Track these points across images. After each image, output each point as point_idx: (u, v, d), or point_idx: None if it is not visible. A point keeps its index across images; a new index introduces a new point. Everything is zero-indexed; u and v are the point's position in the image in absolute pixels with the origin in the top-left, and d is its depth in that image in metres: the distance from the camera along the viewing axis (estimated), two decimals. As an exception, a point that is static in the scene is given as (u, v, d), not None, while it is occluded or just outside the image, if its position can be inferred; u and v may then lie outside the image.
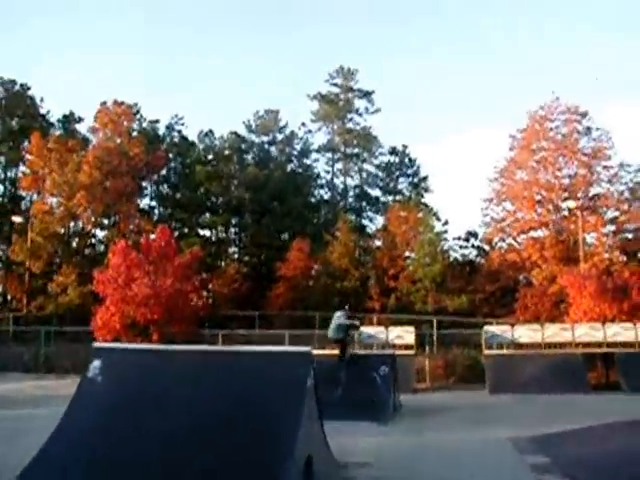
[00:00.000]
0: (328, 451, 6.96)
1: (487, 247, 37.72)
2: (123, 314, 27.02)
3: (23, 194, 42.43)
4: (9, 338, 31.30)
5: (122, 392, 6.33)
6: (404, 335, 23.88)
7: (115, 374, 6.53)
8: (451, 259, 36.69)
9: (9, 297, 40.96)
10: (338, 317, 15.85)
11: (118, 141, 39.68)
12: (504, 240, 36.98)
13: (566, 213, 35.32)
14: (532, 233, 35.76)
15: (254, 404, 5.72)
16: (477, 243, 38.57)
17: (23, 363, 26.83)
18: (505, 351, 23.05)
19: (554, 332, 23.47)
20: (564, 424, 10.83)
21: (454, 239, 38.05)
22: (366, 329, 25.34)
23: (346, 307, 16.86)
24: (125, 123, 40.54)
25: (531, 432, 10.40)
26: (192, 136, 45.78)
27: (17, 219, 36.30)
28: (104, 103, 39.58)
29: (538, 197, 35.71)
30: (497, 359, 22.14)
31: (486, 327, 24.12)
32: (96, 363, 6.58)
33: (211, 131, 45.64)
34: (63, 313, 33.89)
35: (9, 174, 44.95)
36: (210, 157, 44.32)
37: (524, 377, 20.31)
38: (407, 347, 23.13)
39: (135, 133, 41.45)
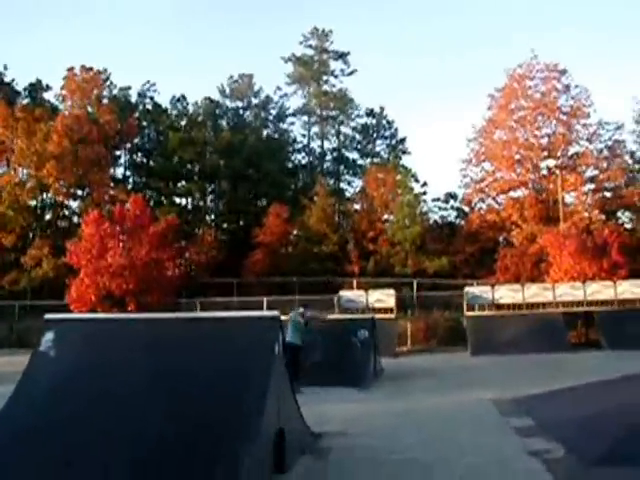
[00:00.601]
0: (301, 421, 6.57)
1: (466, 208, 37.51)
2: (98, 285, 26.52)
3: (-8, 166, 41.15)
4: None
5: (76, 365, 5.86)
6: (384, 298, 23.69)
7: (68, 346, 6.05)
8: (430, 221, 36.49)
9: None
10: (293, 316, 13.41)
11: (88, 109, 38.54)
12: (483, 201, 36.84)
13: (545, 172, 35.16)
14: (511, 193, 35.64)
15: (216, 373, 5.29)
16: (456, 204, 38.38)
17: (-4, 339, 26.25)
18: (486, 312, 22.94)
19: (535, 292, 23.40)
20: (546, 385, 10.58)
21: (433, 201, 37.85)
22: (346, 293, 25.14)
23: (300, 308, 14.27)
24: (94, 90, 39.32)
25: (513, 394, 10.14)
26: (165, 103, 44.68)
27: (-16, 192, 35.25)
28: (71, 69, 38.26)
29: (517, 157, 35.46)
30: (478, 320, 22.03)
31: (467, 288, 23.96)
32: (48, 336, 6.09)
33: (183, 96, 44.50)
34: (38, 287, 33.16)
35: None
36: (183, 123, 43.31)
37: (505, 338, 20.22)
38: (388, 310, 22.94)
39: (106, 100, 40.25)
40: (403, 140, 46.53)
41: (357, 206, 39.61)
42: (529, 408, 8.71)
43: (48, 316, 6.29)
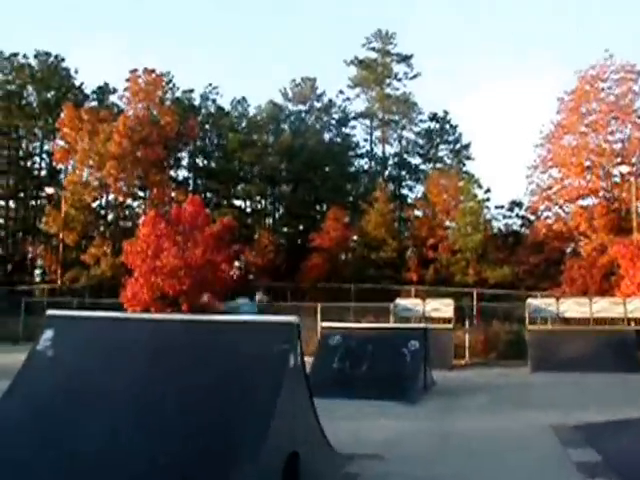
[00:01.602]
0: (324, 443, 5.77)
1: (532, 217, 35.99)
2: (152, 285, 26.37)
3: (61, 167, 42.22)
4: (43, 309, 31.03)
5: (75, 365, 5.29)
6: (442, 308, 22.59)
7: (68, 345, 5.48)
8: (494, 229, 35.14)
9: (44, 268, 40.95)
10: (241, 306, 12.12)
11: (153, 111, 38.86)
12: (550, 209, 35.19)
13: (618, 179, 33.30)
14: (580, 201, 33.96)
15: (215, 387, 4.59)
16: (521, 213, 36.92)
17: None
18: (550, 326, 21.58)
19: (604, 306, 21.79)
20: (615, 410, 9.44)
21: (497, 208, 36.49)
22: (402, 301, 24.20)
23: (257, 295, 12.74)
24: (157, 92, 39.61)
25: (576, 419, 9.03)
26: (228, 106, 44.86)
27: (49, 190, 36.11)
28: (134, 71, 38.59)
29: (587, 163, 33.71)
30: (541, 334, 20.68)
31: (529, 300, 22.60)
32: (48, 334, 5.53)
33: (244, 98, 44.50)
34: (97, 285, 33.60)
35: (47, 147, 44.82)
36: (243, 125, 43.30)
37: (570, 355, 18.79)
38: (445, 321, 21.85)
39: (168, 102, 40.58)
40: (467, 146, 45.27)
41: (418, 212, 38.58)
42: (595, 438, 7.60)
43: (50, 312, 5.76)
